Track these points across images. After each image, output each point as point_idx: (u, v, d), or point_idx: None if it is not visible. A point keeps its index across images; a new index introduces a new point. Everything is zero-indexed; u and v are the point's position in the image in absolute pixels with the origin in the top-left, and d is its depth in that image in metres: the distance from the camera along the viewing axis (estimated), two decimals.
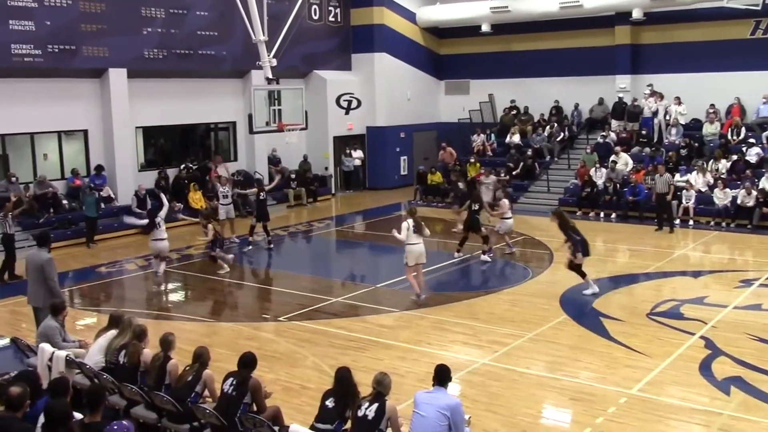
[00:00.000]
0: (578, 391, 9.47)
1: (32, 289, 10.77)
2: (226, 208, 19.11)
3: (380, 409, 6.54)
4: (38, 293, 10.65)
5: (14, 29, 18.78)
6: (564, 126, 26.24)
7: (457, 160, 26.44)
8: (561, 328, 12.01)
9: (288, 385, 9.71)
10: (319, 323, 12.48)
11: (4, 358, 11.07)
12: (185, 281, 15.86)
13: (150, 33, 21.75)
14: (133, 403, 7.91)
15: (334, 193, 27.65)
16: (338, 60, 27.96)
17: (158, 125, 23.29)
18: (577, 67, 26.25)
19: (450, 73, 30.16)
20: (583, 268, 13.71)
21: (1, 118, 19.11)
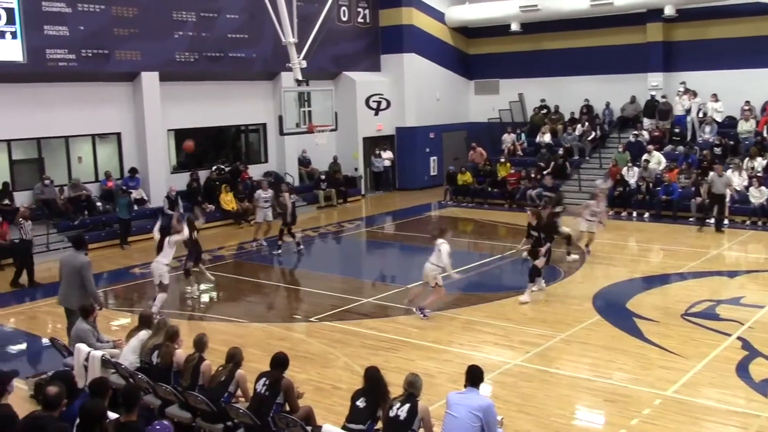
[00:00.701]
0: (612, 393, 9.37)
1: (65, 291, 10.86)
2: (265, 212, 19.07)
3: (412, 410, 6.54)
4: (71, 295, 10.74)
5: (49, 34, 19.08)
6: (595, 125, 26.00)
7: (487, 160, 26.34)
8: (594, 328, 11.90)
9: (320, 385, 9.74)
10: (350, 324, 12.51)
11: (43, 359, 11.28)
12: (217, 282, 15.97)
13: (181, 36, 21.97)
14: (168, 402, 7.99)
15: (364, 194, 27.69)
16: (367, 61, 28.00)
17: (190, 128, 23.48)
18: (608, 65, 25.97)
19: (479, 72, 30.05)
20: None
21: (37, 121, 19.43)
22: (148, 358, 8.56)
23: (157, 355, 8.41)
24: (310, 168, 26.35)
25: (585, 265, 16.15)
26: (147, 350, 8.66)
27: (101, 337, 9.65)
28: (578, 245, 16.87)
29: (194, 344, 8.16)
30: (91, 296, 10.61)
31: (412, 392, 6.70)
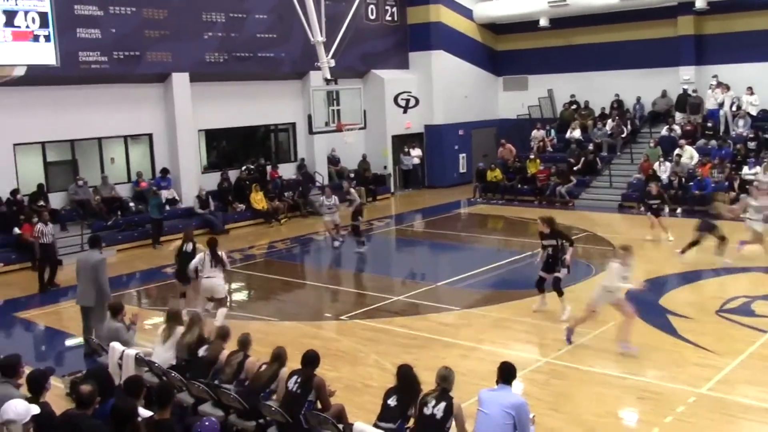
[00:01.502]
0: (645, 390, 9.28)
1: (83, 289, 11.17)
2: (332, 218, 18.80)
3: (448, 409, 6.50)
4: (89, 293, 11.07)
5: (81, 37, 19.36)
6: (626, 120, 25.73)
7: (516, 156, 26.21)
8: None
9: (351, 383, 9.78)
10: (380, 322, 12.53)
11: (76, 357, 11.46)
12: (248, 281, 16.09)
13: (211, 37, 22.15)
14: (201, 400, 8.08)
15: (393, 192, 27.70)
16: (396, 59, 27.98)
17: (220, 128, 23.72)
18: (639, 60, 25.67)
19: (508, 69, 29.88)
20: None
21: (70, 123, 19.74)
22: (186, 354, 8.73)
23: (205, 350, 8.60)
24: (340, 166, 26.42)
25: None
26: (185, 346, 8.82)
27: (130, 331, 9.71)
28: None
29: (239, 343, 8.35)
30: (103, 293, 10.95)
31: (446, 387, 6.66)
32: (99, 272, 11.03)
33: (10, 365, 6.65)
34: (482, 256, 17.53)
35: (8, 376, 6.59)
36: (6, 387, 6.51)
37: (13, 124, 18.62)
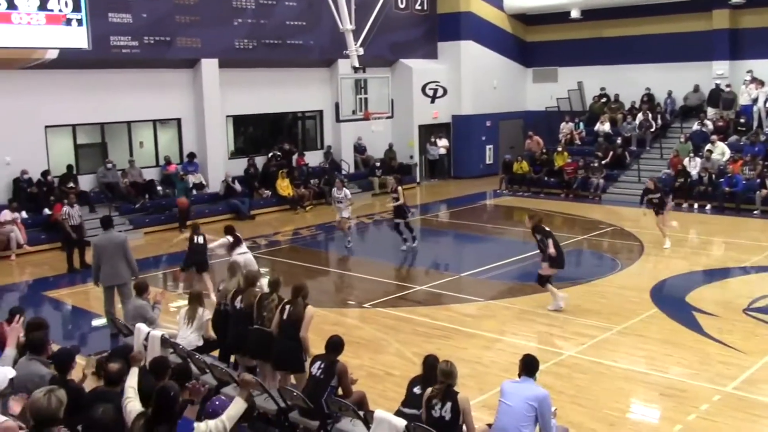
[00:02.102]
0: (668, 387, 9.20)
1: (113, 268, 11.33)
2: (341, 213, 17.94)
3: (455, 408, 6.41)
4: (121, 271, 11.35)
5: (113, 22, 19.52)
6: (656, 114, 25.43)
7: (544, 149, 26.04)
8: (651, 321, 11.69)
9: (372, 371, 9.81)
10: (403, 310, 12.54)
11: (102, 337, 11.62)
12: (272, 267, 16.18)
13: (240, 24, 22.22)
14: (223, 383, 8.15)
15: (419, 182, 27.66)
16: (424, 48, 27.87)
17: (248, 114, 23.82)
18: (671, 53, 25.32)
19: (538, 60, 29.64)
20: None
21: (101, 107, 19.94)
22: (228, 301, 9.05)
23: (240, 300, 8.81)
24: (366, 155, 26.43)
25: (643, 257, 15.86)
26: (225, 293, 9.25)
27: (154, 311, 9.87)
28: None
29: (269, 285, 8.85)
30: (132, 267, 11.46)
31: (450, 383, 6.51)
32: (127, 249, 11.41)
33: (39, 342, 6.78)
34: (507, 248, 17.45)
35: (37, 353, 6.72)
36: (34, 363, 6.65)
37: (44, 107, 18.85)
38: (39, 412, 4.74)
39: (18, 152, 18.43)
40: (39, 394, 4.80)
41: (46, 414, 4.74)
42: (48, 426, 4.78)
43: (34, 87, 18.62)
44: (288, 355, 8.17)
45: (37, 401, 4.76)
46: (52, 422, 4.79)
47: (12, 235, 17.12)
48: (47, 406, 4.74)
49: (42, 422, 4.76)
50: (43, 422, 4.76)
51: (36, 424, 4.78)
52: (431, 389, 6.58)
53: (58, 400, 4.81)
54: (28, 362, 6.70)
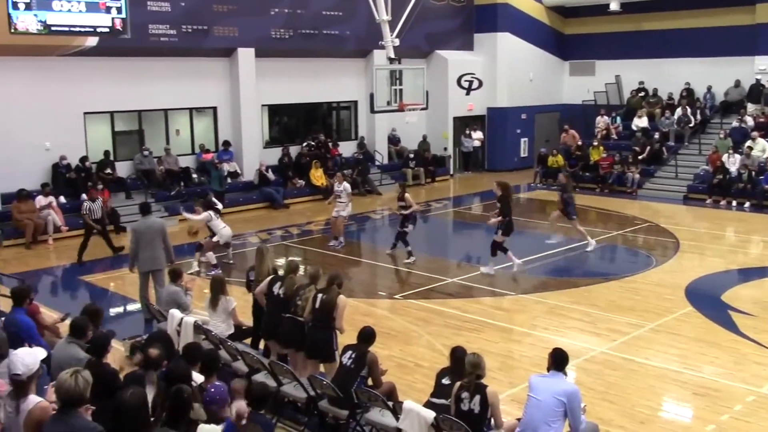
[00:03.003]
0: (702, 386, 9.08)
1: (151, 254, 11.46)
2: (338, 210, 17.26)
3: (484, 401, 6.42)
4: (159, 256, 11.50)
5: (152, 10, 19.71)
6: (696, 109, 25.00)
7: (579, 142, 25.76)
8: (685, 319, 11.54)
9: (402, 362, 9.82)
10: (434, 303, 12.53)
11: (135, 322, 11.79)
12: (305, 256, 16.26)
13: (277, 13, 22.29)
14: (255, 370, 8.23)
15: (453, 174, 27.56)
16: (460, 40, 27.72)
17: (283, 103, 23.93)
18: (712, 47, 24.86)
19: (575, 53, 29.31)
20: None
21: (138, 94, 20.18)
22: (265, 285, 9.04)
23: (279, 286, 8.84)
24: (400, 146, 26.41)
25: (679, 254, 15.64)
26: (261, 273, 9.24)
27: (188, 296, 10.01)
28: None
29: (309, 277, 8.84)
30: (168, 253, 11.60)
31: (478, 374, 6.52)
32: (166, 235, 11.57)
33: (81, 327, 6.93)
34: (539, 242, 17.31)
35: (77, 337, 6.86)
36: (73, 347, 6.80)
37: (84, 94, 19.13)
38: (66, 393, 4.83)
39: (57, 138, 18.74)
40: (65, 375, 4.89)
41: (74, 394, 4.83)
42: (75, 406, 4.87)
43: (73, 74, 18.90)
44: (319, 344, 8.22)
45: (65, 382, 4.84)
46: (79, 402, 4.88)
47: (49, 218, 17.42)
48: (74, 387, 4.82)
49: (69, 402, 4.85)
50: (70, 402, 4.85)
51: (63, 404, 4.87)
52: (460, 382, 6.58)
53: (85, 381, 4.89)
54: (67, 345, 6.88)
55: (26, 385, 5.21)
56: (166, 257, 11.63)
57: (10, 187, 17.64)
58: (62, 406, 4.88)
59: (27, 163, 18.23)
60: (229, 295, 9.54)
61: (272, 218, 20.41)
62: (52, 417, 4.94)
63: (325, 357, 8.27)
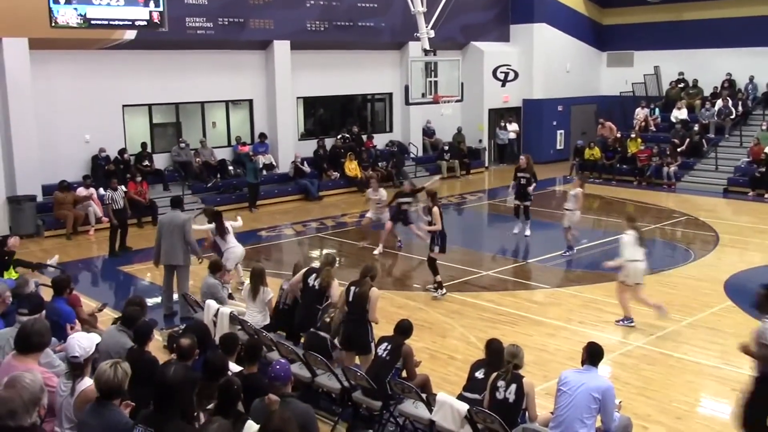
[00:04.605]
0: (741, 382, 8.84)
1: (170, 249, 11.38)
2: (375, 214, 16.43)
3: (519, 391, 6.43)
4: (177, 252, 11.35)
5: (189, 3, 19.87)
6: (737, 101, 24.52)
7: (617, 135, 25.43)
8: (724, 314, 11.37)
9: (436, 354, 9.83)
10: (468, 295, 12.50)
11: (157, 315, 11.90)
12: (339, 248, 16.32)
13: (313, 5, 22.34)
14: (289, 361, 8.28)
15: (488, 166, 27.42)
16: (496, 31, 27.52)
17: (318, 96, 24.01)
18: (755, 37, 24.32)
19: (613, 44, 28.91)
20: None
21: (176, 87, 20.40)
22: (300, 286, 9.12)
23: (315, 278, 8.94)
24: (434, 138, 26.34)
25: (718, 248, 15.39)
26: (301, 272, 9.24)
27: (225, 291, 10.11)
28: None
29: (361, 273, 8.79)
30: (192, 250, 11.39)
31: (517, 363, 6.56)
32: (187, 232, 11.31)
33: (133, 317, 7.11)
34: (575, 235, 17.18)
35: (127, 326, 7.04)
36: (122, 335, 6.98)
37: (122, 86, 19.40)
38: (106, 384, 4.94)
39: (97, 130, 19.04)
40: (105, 365, 5.00)
41: (112, 385, 4.94)
42: (112, 397, 4.98)
43: (112, 67, 19.16)
44: (354, 336, 8.25)
45: (104, 373, 4.96)
46: (117, 394, 5.00)
47: (90, 209, 17.73)
48: (113, 378, 4.93)
49: (107, 393, 4.96)
50: (108, 393, 4.96)
51: (102, 394, 4.98)
52: (497, 372, 6.58)
53: (124, 372, 5.01)
54: (117, 333, 7.06)
55: (83, 367, 5.45)
56: (189, 252, 11.40)
57: (51, 179, 17.98)
58: (100, 397, 4.99)
59: (67, 155, 18.57)
60: (267, 287, 9.62)
61: (307, 210, 20.51)
62: (90, 406, 5.05)
63: (360, 349, 8.31)
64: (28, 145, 17.64)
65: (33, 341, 5.59)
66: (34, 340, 5.59)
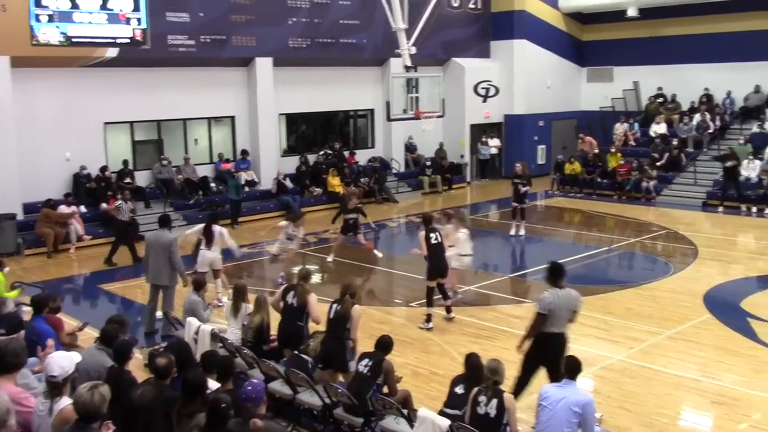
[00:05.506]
0: (720, 394, 9.02)
1: (156, 268, 11.37)
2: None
3: (500, 406, 6.44)
4: (162, 272, 11.32)
5: (171, 21, 19.91)
6: (715, 115, 24.83)
7: (597, 149, 25.67)
8: (703, 327, 11.47)
9: (417, 370, 9.85)
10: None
11: (140, 332, 11.86)
12: (321, 264, 16.31)
13: (295, 23, 22.44)
14: (270, 378, 8.28)
15: (470, 181, 27.55)
16: (477, 47, 27.74)
17: (300, 112, 24.07)
18: (732, 53, 24.67)
19: (593, 59, 29.23)
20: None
21: (158, 104, 20.39)
22: (251, 335, 9.05)
23: (293, 296, 8.96)
24: (416, 154, 26.45)
25: (698, 261, 15.54)
26: (255, 327, 9.07)
27: (207, 310, 10.08)
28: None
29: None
30: (178, 272, 11.31)
31: (497, 380, 6.57)
32: (173, 253, 11.24)
33: (111, 335, 7.08)
34: (557, 249, 17.30)
35: (106, 344, 7.00)
36: (102, 354, 6.94)
37: (104, 104, 19.36)
38: (83, 407, 4.88)
39: (78, 148, 18.97)
40: (83, 389, 4.94)
41: (90, 408, 4.87)
42: (90, 421, 4.90)
43: (94, 85, 19.12)
44: (334, 354, 8.25)
45: (81, 397, 4.90)
46: (95, 417, 4.91)
47: (71, 227, 17.64)
48: (90, 401, 4.87)
49: (85, 417, 4.89)
50: (86, 417, 4.89)
51: (80, 418, 4.91)
52: (478, 387, 6.61)
53: (101, 396, 4.93)
54: (96, 351, 7.00)
55: (61, 387, 5.41)
56: (172, 274, 11.34)
57: (31, 197, 17.89)
58: (79, 419, 4.94)
59: (48, 173, 18.48)
60: (249, 303, 9.60)
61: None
62: (69, 429, 4.99)
63: (338, 367, 8.31)
64: (8, 163, 17.52)
65: (8, 361, 5.55)
66: (9, 360, 5.56)
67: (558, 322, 7.93)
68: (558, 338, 7.97)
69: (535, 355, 8.07)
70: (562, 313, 7.92)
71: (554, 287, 8.00)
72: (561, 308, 7.89)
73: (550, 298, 7.90)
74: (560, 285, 8.02)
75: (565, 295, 7.95)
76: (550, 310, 7.86)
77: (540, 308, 7.96)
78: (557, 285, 8.02)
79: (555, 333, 7.95)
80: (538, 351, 8.04)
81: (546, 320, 7.91)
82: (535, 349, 8.08)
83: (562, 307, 7.90)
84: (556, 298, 7.88)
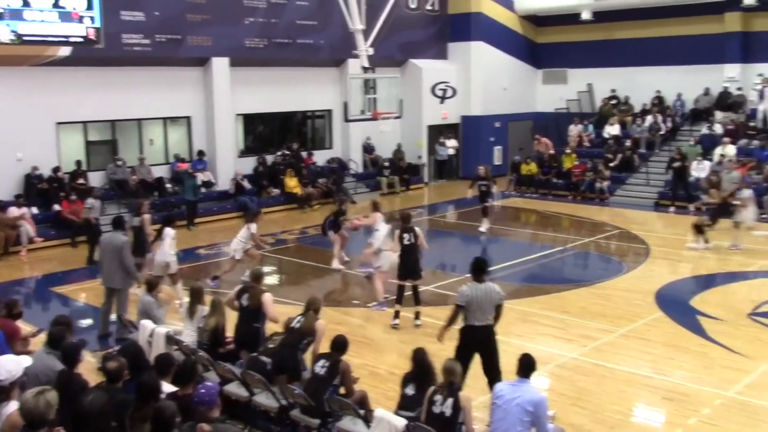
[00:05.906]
0: (671, 390, 9.22)
1: (108, 271, 11.26)
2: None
3: (456, 405, 6.49)
4: (115, 274, 11.20)
5: (125, 19, 19.64)
6: (666, 117, 25.36)
7: (552, 150, 26.02)
8: (655, 325, 11.71)
9: (375, 370, 9.87)
10: (408, 311, 12.53)
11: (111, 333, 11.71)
12: (279, 265, 16.25)
13: (252, 23, 22.32)
14: (226, 380, 8.23)
15: (427, 182, 27.69)
16: (434, 49, 27.90)
17: (258, 112, 23.93)
18: (682, 56, 25.21)
19: (548, 62, 29.61)
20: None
21: (112, 104, 20.07)
22: (207, 338, 8.96)
23: (246, 298, 8.98)
24: (374, 155, 26.50)
25: (649, 260, 15.85)
26: (210, 329, 8.95)
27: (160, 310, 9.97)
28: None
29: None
30: (129, 274, 11.25)
31: (453, 380, 6.63)
32: (124, 255, 11.13)
33: (58, 337, 6.96)
34: (513, 249, 17.51)
35: (54, 348, 6.87)
36: (51, 358, 6.80)
37: (56, 104, 19.00)
38: (29, 414, 4.78)
39: (29, 149, 18.59)
40: (29, 395, 4.85)
41: (35, 415, 4.77)
42: (37, 427, 4.80)
43: (46, 84, 18.76)
44: (287, 363, 8.16)
45: (27, 402, 4.80)
46: (41, 424, 4.81)
47: (22, 230, 17.28)
48: (35, 407, 4.77)
49: (31, 423, 4.79)
50: (32, 424, 4.79)
51: (27, 424, 4.82)
52: (434, 387, 6.65)
53: (47, 402, 4.83)
54: (45, 355, 6.86)
55: (8, 391, 5.32)
56: (123, 278, 11.21)
57: None
58: (25, 426, 4.84)
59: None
60: (206, 305, 9.50)
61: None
62: None
63: (291, 375, 8.20)
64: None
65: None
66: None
67: (479, 315, 8.27)
68: (482, 331, 8.31)
69: (464, 349, 8.39)
70: (483, 306, 8.26)
71: (474, 281, 8.39)
72: (481, 301, 8.25)
73: (467, 291, 8.28)
74: (481, 279, 8.41)
75: (485, 288, 8.31)
76: (468, 303, 8.23)
77: (458, 300, 8.38)
78: (478, 279, 8.40)
79: (478, 326, 8.29)
80: (466, 344, 8.39)
81: (466, 313, 8.29)
82: (463, 342, 8.43)
83: (482, 300, 8.25)
84: (475, 291, 8.25)
